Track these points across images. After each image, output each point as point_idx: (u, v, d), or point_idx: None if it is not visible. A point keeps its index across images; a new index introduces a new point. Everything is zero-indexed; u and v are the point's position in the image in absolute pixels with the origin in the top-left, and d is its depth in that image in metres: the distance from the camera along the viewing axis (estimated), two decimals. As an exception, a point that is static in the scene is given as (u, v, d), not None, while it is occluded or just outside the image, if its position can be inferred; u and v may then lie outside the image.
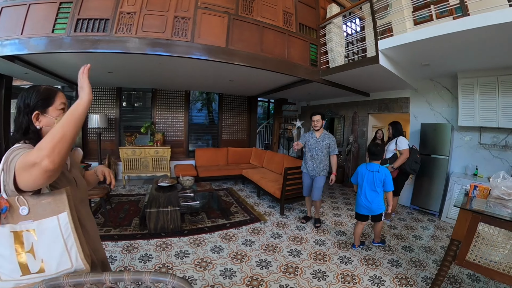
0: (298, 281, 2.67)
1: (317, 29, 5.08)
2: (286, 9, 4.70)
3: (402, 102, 5.78)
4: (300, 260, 3.09)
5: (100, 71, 5.15)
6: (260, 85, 6.44)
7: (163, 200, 3.84)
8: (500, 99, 4.06)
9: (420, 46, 3.55)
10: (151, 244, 3.32)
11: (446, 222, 4.53)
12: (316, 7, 5.14)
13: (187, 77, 5.69)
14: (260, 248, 3.34)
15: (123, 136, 6.92)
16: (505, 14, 2.65)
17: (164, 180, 4.58)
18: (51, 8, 3.74)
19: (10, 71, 4.95)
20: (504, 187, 2.42)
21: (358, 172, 3.29)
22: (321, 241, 3.59)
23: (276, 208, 4.82)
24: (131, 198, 5.26)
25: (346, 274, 2.82)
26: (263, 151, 7.22)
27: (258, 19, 4.38)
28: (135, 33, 3.75)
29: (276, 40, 4.52)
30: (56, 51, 3.69)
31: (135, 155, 6.34)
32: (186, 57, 3.89)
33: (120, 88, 7.01)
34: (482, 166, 4.48)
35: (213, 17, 4.07)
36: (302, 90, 6.46)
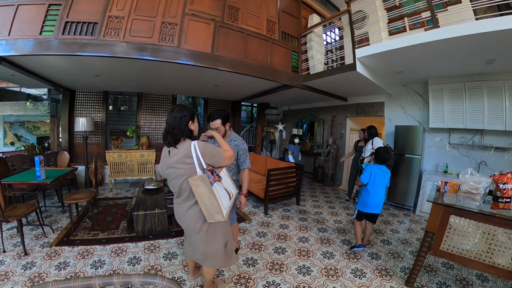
0: (284, 277, 2.66)
1: (298, 37, 5.15)
2: (270, 18, 4.73)
3: (378, 106, 5.95)
4: (285, 256, 3.08)
5: (87, 74, 4.99)
6: (244, 90, 6.44)
7: (150, 202, 3.74)
8: (467, 103, 4.28)
9: (394, 54, 3.66)
10: (139, 247, 3.22)
11: (420, 216, 4.68)
12: (298, 16, 5.21)
13: (173, 81, 5.60)
14: (246, 247, 3.30)
15: (109, 139, 6.71)
16: (471, 27, 2.78)
17: (150, 183, 4.46)
18: (39, 9, 3.59)
19: None
20: (472, 182, 2.53)
21: (371, 172, 3.08)
22: (304, 238, 3.60)
23: (260, 208, 4.81)
24: (118, 202, 5.08)
25: (330, 268, 2.84)
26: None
27: (243, 26, 4.38)
28: (123, 37, 3.65)
29: (259, 47, 4.53)
30: (44, 54, 3.55)
31: (121, 158, 6.15)
32: (173, 62, 3.83)
33: (107, 92, 6.81)
34: (452, 164, 4.69)
35: (199, 23, 4.03)
36: (284, 95, 6.53)
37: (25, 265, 2.80)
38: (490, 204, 2.30)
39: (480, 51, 3.26)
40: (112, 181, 6.16)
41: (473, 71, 4.08)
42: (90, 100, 6.67)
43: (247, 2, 4.49)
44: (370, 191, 3.05)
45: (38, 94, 8.66)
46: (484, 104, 4.09)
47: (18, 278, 2.56)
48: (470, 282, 2.66)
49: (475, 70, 4.02)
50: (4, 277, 2.56)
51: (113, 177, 6.12)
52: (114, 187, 6.14)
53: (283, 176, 4.75)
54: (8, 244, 3.24)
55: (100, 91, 6.73)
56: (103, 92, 6.75)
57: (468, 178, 2.58)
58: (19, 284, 2.47)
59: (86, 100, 6.64)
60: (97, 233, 3.57)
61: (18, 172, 4.34)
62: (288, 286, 2.50)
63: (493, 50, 3.19)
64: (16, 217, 3.01)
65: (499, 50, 3.16)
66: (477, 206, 2.28)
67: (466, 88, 4.28)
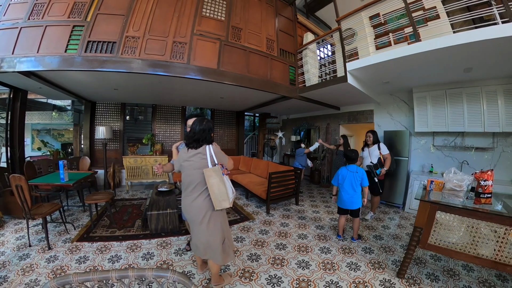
0: (285, 270, 2.61)
1: (295, 53, 5.17)
2: (269, 36, 4.77)
3: (368, 114, 5.94)
4: (286, 252, 3.02)
5: (106, 88, 5.04)
6: (246, 101, 6.45)
7: (163, 203, 3.71)
8: (448, 108, 4.28)
9: (381, 67, 3.68)
10: (152, 243, 3.18)
11: (409, 212, 4.62)
12: (294, 35, 5.25)
13: (183, 94, 5.63)
14: (250, 243, 3.25)
15: (126, 146, 6.72)
16: (449, 39, 2.81)
17: (163, 185, 4.43)
18: (65, 30, 3.65)
19: (25, 85, 4.82)
20: (455, 180, 2.53)
21: (339, 174, 3.28)
22: (303, 235, 3.54)
23: (263, 208, 4.75)
24: (134, 202, 5.05)
25: (327, 263, 2.78)
26: (250, 158, 7.17)
27: (245, 45, 4.42)
28: (138, 55, 3.68)
29: (260, 63, 4.56)
30: (68, 69, 3.59)
31: (137, 163, 6.14)
32: (183, 77, 3.86)
33: (124, 104, 6.85)
34: (436, 164, 4.66)
35: (206, 42, 4.07)
36: (283, 105, 6.53)
37: (48, 258, 2.79)
38: (473, 200, 2.29)
39: (459, 61, 3.27)
40: (129, 183, 6.14)
41: (453, 79, 4.08)
42: (109, 111, 6.71)
43: (249, 23, 4.54)
44: (341, 190, 3.26)
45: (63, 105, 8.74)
46: (464, 108, 4.09)
47: (42, 270, 2.55)
48: (456, 272, 2.60)
49: (455, 78, 4.03)
50: (29, 269, 2.56)
51: (129, 180, 6.10)
52: (130, 189, 6.12)
53: (283, 179, 4.70)
54: (34, 239, 3.24)
55: (118, 103, 6.77)
56: (121, 104, 6.79)
57: (452, 176, 2.57)
58: (43, 276, 2.45)
59: (106, 110, 6.68)
60: (114, 231, 3.54)
61: (44, 175, 4.38)
62: (289, 279, 2.45)
63: (470, 59, 3.20)
64: (41, 215, 3.02)
65: (475, 59, 3.18)
66: (461, 202, 2.28)
67: (447, 94, 4.28)
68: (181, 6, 4.02)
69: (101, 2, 3.78)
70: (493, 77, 3.80)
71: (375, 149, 4.15)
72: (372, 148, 4.18)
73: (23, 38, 3.65)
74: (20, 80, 4.26)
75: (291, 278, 2.46)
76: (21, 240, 3.22)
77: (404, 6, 3.38)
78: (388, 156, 4.07)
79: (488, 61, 3.21)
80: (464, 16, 2.99)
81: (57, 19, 3.68)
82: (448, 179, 2.58)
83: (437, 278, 2.50)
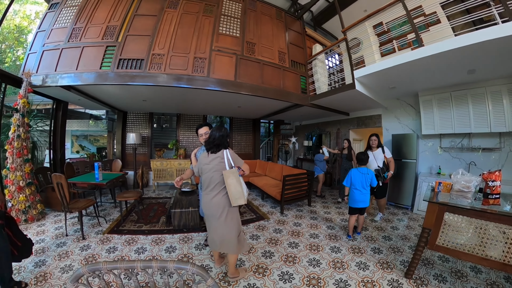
0: (297, 268, 2.57)
1: (305, 64, 5.17)
2: (281, 49, 4.81)
3: (376, 118, 5.77)
4: (298, 250, 2.98)
5: (136, 100, 5.26)
6: (262, 110, 6.49)
7: (185, 202, 3.79)
8: (454, 110, 4.09)
9: (386, 73, 3.60)
10: (175, 238, 3.26)
11: (417, 214, 4.41)
12: (303, 47, 5.26)
13: (204, 104, 5.76)
14: (264, 241, 3.24)
15: (153, 150, 6.95)
16: (451, 43, 2.71)
17: (186, 186, 4.53)
18: (99, 50, 3.90)
19: (66, 97, 5.11)
20: (463, 181, 2.39)
21: (351, 176, 3.25)
22: (315, 234, 3.48)
23: (277, 208, 4.72)
24: (159, 200, 5.20)
25: (337, 261, 2.71)
26: (266, 162, 7.16)
27: (259, 58, 4.48)
28: (163, 70, 3.84)
29: (273, 74, 4.59)
30: (103, 83, 3.81)
31: (163, 166, 6.33)
32: (204, 88, 3.97)
33: (152, 113, 7.11)
34: (444, 166, 4.43)
35: (224, 57, 4.18)
36: (296, 112, 6.50)
37: (82, 247, 2.94)
38: (481, 201, 2.15)
39: (462, 63, 3.14)
40: (155, 184, 6.34)
41: (457, 81, 3.90)
42: (138, 119, 7.00)
43: (261, 38, 4.61)
44: (354, 190, 3.23)
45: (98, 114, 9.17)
46: (469, 110, 3.89)
47: (76, 257, 2.70)
48: (464, 274, 2.45)
49: (459, 80, 3.85)
50: (65, 255, 2.72)
51: (156, 181, 6.30)
52: (157, 189, 6.30)
53: (297, 181, 4.66)
54: (70, 230, 3.42)
55: (147, 112, 7.04)
56: (149, 113, 7.06)
57: (459, 178, 2.43)
58: (76, 262, 2.60)
59: (136, 119, 6.97)
60: (141, 225, 3.65)
61: (81, 174, 4.59)
62: (300, 276, 2.42)
63: (473, 61, 3.06)
64: (77, 209, 3.18)
65: (478, 60, 3.03)
66: (469, 203, 2.14)
67: (452, 97, 4.09)
68: (200, 25, 4.18)
69: (130, 25, 4.02)
70: (497, 77, 3.59)
71: (379, 152, 3.95)
72: (376, 152, 3.96)
73: (64, 58, 3.93)
74: (62, 93, 4.54)
75: (302, 275, 2.43)
76: (59, 230, 3.44)
77: (406, 13, 3.31)
78: (392, 159, 3.92)
79: (490, 62, 3.04)
80: (464, 18, 2.87)
81: (93, 40, 3.95)
82: (456, 181, 2.45)
83: (444, 279, 2.37)
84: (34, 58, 4.10)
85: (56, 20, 4.24)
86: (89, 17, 4.11)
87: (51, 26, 4.22)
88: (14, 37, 11.17)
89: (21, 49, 11.23)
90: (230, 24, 4.42)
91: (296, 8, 5.52)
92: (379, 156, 3.92)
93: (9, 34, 11.01)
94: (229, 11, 4.53)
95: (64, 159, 5.49)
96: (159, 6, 4.19)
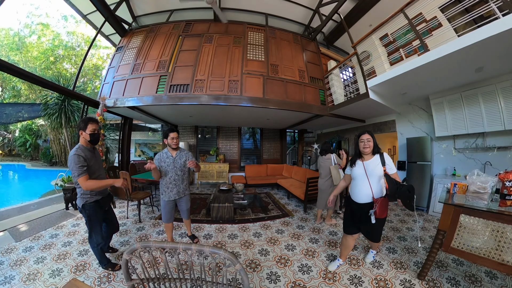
0: (315, 261, 2.49)
1: (322, 79, 5.05)
2: (300, 68, 4.79)
3: (390, 124, 5.33)
4: (318, 246, 2.87)
5: (184, 116, 5.64)
6: (287, 121, 6.43)
7: (223, 198, 3.89)
8: (466, 110, 3.61)
9: (397, 80, 3.38)
10: (212, 227, 3.36)
11: (432, 215, 3.96)
12: (320, 64, 5.16)
13: (238, 118, 5.91)
14: (288, 235, 3.17)
15: (198, 156, 7.30)
16: (455, 44, 2.47)
17: (224, 185, 4.67)
18: (155, 79, 4.32)
19: (131, 115, 5.65)
20: (479, 182, 2.05)
21: None
22: (333, 232, 3.32)
23: (301, 207, 4.61)
24: (201, 196, 5.42)
25: (352, 258, 2.54)
26: (292, 166, 7.06)
27: (282, 77, 4.52)
28: (205, 92, 4.10)
29: (295, 90, 4.57)
30: (158, 104, 4.18)
31: (206, 168, 6.63)
32: (238, 105, 4.12)
33: (197, 126, 7.51)
34: (459, 167, 3.91)
35: (253, 78, 4.31)
36: (317, 122, 6.31)
37: (138, 228, 3.27)
38: (497, 202, 1.83)
39: (468, 62, 2.78)
40: (199, 182, 6.64)
41: (466, 81, 3.45)
42: (186, 131, 7.45)
43: (283, 60, 4.66)
44: None
45: (155, 127, 10.04)
46: (481, 108, 3.39)
47: (133, 235, 3.02)
48: (479, 278, 2.12)
49: (468, 80, 3.40)
50: (124, 234, 3.06)
51: (200, 180, 6.61)
52: (200, 186, 6.60)
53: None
54: (130, 214, 3.81)
55: (193, 126, 7.46)
56: (194, 126, 7.47)
57: (475, 178, 2.08)
58: (133, 239, 2.90)
59: (184, 131, 7.43)
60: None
61: (141, 173, 5.04)
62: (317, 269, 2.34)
63: (479, 59, 2.69)
64: (137, 199, 3.56)
65: (484, 57, 2.66)
66: (485, 204, 1.83)
67: (463, 97, 3.61)
68: (232, 54, 4.41)
69: (177, 58, 4.41)
70: (505, 72, 3.08)
71: (376, 163, 1.98)
72: (371, 161, 2.01)
73: (129, 86, 4.43)
74: (128, 112, 5.08)
75: (319, 269, 2.34)
76: (122, 213, 3.87)
77: (408, 22, 3.07)
78: (397, 175, 2.01)
79: (497, 57, 2.64)
80: (464, 18, 2.55)
81: (150, 72, 4.41)
82: (471, 182, 2.10)
83: (458, 283, 2.07)
84: (107, 87, 4.67)
85: (122, 58, 4.83)
86: (146, 55, 4.61)
87: (119, 63, 4.80)
88: (92, 73, 13.63)
89: (98, 81, 13.52)
90: (256, 51, 4.58)
91: (309, 31, 5.48)
92: (376, 169, 1.96)
93: (89, 71, 13.44)
94: (254, 40, 4.70)
95: (129, 161, 5.96)
96: (198, 42, 4.55)
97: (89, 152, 1.98)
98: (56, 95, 6.03)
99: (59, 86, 4.04)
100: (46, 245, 2.69)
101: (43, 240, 2.80)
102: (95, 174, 2.01)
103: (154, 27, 5.04)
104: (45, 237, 2.90)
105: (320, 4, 4.68)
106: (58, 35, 12.49)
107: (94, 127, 1.95)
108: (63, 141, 10.27)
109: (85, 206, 2.01)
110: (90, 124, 1.92)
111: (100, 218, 2.12)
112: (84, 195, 1.99)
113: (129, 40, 5.05)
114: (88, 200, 2.00)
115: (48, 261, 2.35)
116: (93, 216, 2.03)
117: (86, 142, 1.98)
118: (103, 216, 2.18)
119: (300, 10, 5.08)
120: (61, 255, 2.48)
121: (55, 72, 11.06)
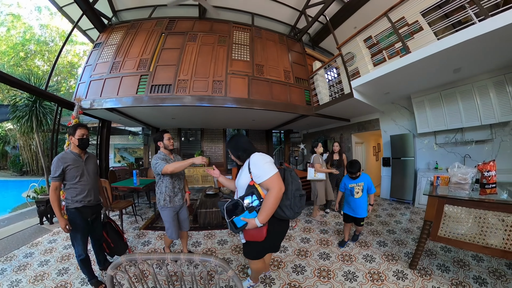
0: (308, 261, 2.47)
1: (307, 79, 5.16)
2: (285, 68, 4.85)
3: (374, 122, 5.56)
4: (309, 245, 2.85)
5: (166, 118, 5.47)
6: (273, 121, 6.49)
7: (210, 203, 3.78)
8: (445, 108, 3.90)
9: (380, 80, 3.53)
10: (200, 234, 3.26)
11: (418, 207, 4.17)
12: (305, 64, 5.27)
13: (223, 119, 5.86)
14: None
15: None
16: (434, 46, 2.65)
17: (210, 190, 4.56)
18: (135, 79, 4.12)
19: (109, 117, 5.37)
20: (460, 174, 2.19)
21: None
22: (324, 230, 3.32)
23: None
24: (188, 203, 5.25)
25: (345, 255, 2.58)
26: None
27: (268, 77, 4.54)
28: (188, 93, 3.99)
29: (281, 90, 4.61)
30: (139, 105, 4.00)
31: (190, 172, 6.47)
32: (222, 106, 4.06)
33: (180, 128, 7.33)
34: (441, 161, 4.19)
35: (238, 79, 4.27)
36: (302, 122, 6.43)
37: None
38: (478, 191, 1.99)
39: (446, 63, 3.01)
40: (184, 189, 6.43)
41: (445, 81, 3.73)
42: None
43: (268, 60, 4.68)
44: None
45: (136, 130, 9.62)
46: (459, 106, 3.69)
47: None
48: (466, 263, 2.27)
49: (447, 79, 3.68)
50: None
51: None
52: (185, 193, 6.39)
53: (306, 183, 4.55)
54: None
55: (176, 128, 7.27)
56: (177, 129, 7.29)
57: (456, 171, 2.22)
58: None
59: (167, 134, 7.18)
60: (173, 224, 3.70)
61: (122, 180, 4.73)
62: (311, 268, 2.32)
63: (457, 60, 2.93)
64: (118, 208, 3.31)
65: (461, 59, 2.90)
66: (467, 194, 1.99)
67: (442, 96, 3.90)
68: (216, 54, 4.34)
69: (159, 57, 4.25)
70: (481, 72, 3.39)
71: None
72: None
73: (107, 86, 4.19)
74: (106, 114, 4.80)
75: (313, 268, 2.33)
76: None
77: (391, 25, 3.25)
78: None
79: (473, 59, 2.90)
80: (444, 23, 2.77)
81: (129, 71, 4.20)
82: (453, 174, 2.24)
83: (447, 269, 2.19)
84: (83, 87, 4.39)
85: (99, 56, 4.56)
86: (126, 53, 4.39)
87: (96, 61, 4.54)
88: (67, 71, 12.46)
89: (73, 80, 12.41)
90: (241, 50, 4.55)
91: (295, 32, 5.58)
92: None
93: (64, 69, 12.28)
94: (239, 39, 4.68)
95: (108, 167, 5.67)
96: (181, 40, 4.42)
97: (74, 157, 1.97)
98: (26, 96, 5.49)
99: (29, 85, 3.69)
100: (20, 266, 2.39)
101: (17, 261, 2.49)
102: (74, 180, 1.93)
103: (135, 23, 4.82)
104: (18, 257, 2.58)
105: (307, 5, 4.78)
106: (30, 28, 11.42)
107: (83, 132, 1.99)
108: (34, 147, 9.42)
109: (67, 211, 1.97)
110: (79, 129, 1.97)
111: (80, 228, 1.98)
112: (66, 199, 1.97)
113: (108, 36, 4.77)
114: (68, 205, 1.95)
115: (24, 284, 2.08)
116: (73, 223, 1.94)
117: (75, 147, 2.01)
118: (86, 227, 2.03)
119: (286, 11, 5.16)
120: (38, 276, 2.21)
121: (25, 69, 10.12)
